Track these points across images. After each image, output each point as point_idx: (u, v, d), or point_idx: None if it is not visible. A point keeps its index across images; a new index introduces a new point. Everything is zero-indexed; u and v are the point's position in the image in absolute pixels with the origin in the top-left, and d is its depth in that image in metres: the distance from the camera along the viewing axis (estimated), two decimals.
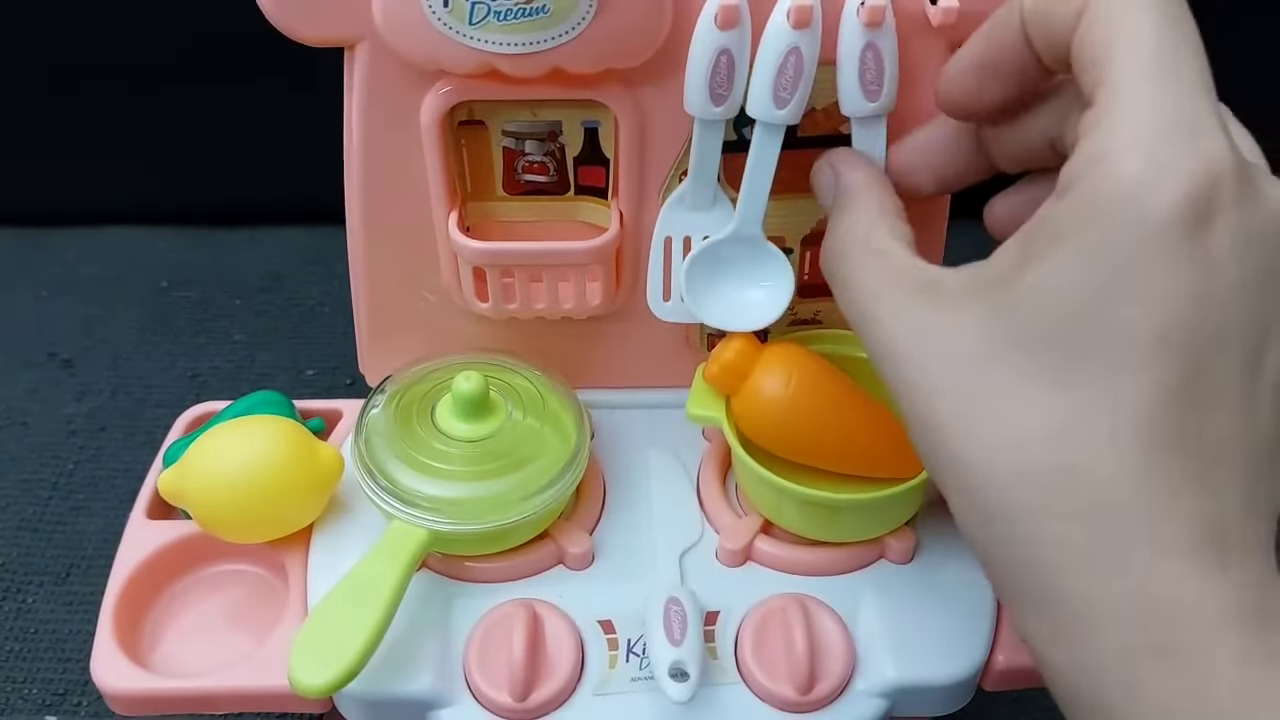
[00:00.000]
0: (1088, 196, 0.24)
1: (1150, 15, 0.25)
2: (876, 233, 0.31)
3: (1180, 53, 0.25)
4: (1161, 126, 0.24)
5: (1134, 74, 0.24)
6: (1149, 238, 0.23)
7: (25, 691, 0.47)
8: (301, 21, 0.34)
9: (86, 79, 0.66)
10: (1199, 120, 0.24)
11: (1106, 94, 0.25)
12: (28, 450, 0.57)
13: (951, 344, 0.26)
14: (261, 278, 0.69)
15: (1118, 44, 0.25)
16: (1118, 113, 0.24)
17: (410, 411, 0.38)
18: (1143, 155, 0.23)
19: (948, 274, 0.28)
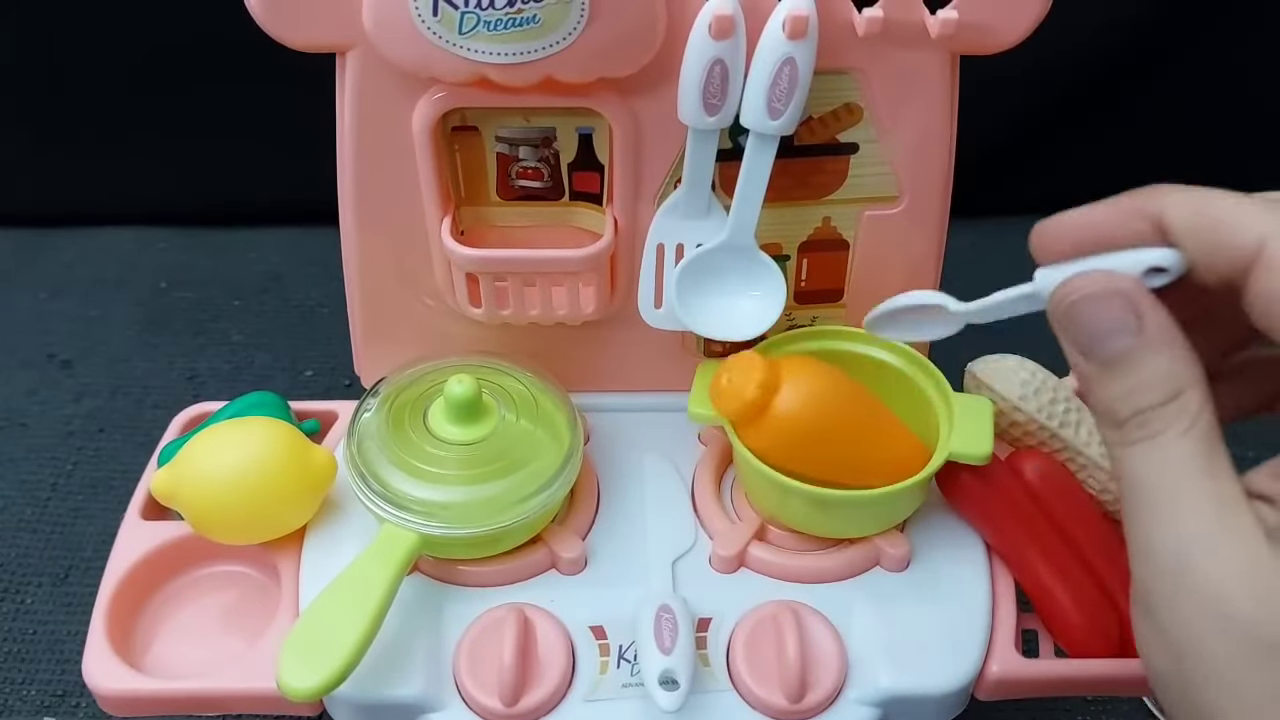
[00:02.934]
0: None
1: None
2: (1218, 460, 0.26)
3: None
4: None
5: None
6: None
7: (24, 692, 0.47)
8: (289, 29, 0.34)
9: (86, 81, 0.66)
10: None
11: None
12: (26, 451, 0.57)
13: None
14: (260, 279, 0.69)
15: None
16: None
17: (403, 415, 0.38)
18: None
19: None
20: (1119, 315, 0.27)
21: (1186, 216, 0.27)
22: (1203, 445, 0.26)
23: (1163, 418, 0.26)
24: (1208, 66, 0.67)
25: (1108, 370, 0.27)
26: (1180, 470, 0.26)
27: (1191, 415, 0.26)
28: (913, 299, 0.35)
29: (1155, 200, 0.28)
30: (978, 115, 0.41)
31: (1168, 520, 0.25)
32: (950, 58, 0.37)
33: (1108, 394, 0.27)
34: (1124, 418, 0.27)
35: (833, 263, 0.41)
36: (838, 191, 0.39)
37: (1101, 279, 0.28)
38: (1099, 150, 0.70)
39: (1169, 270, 0.27)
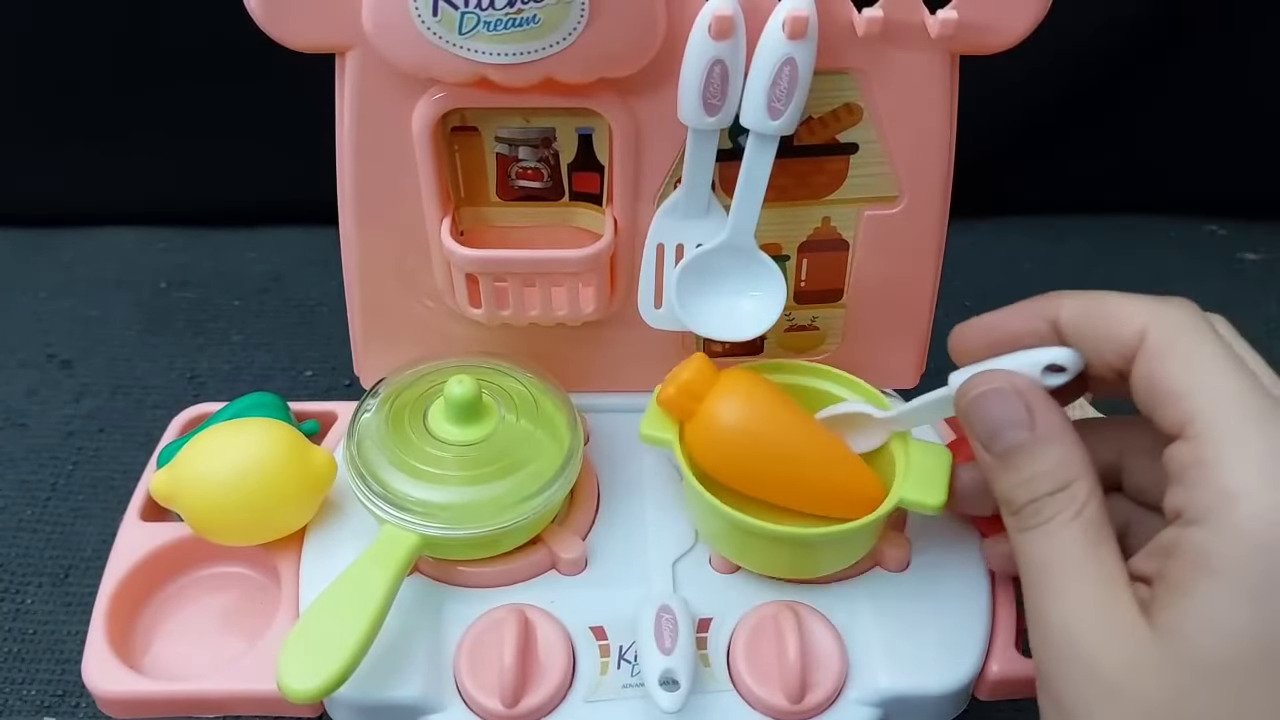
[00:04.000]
0: (1235, 531, 0.25)
1: (1222, 353, 0.27)
2: (1104, 544, 0.28)
3: (1264, 392, 0.27)
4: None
5: (1233, 413, 0.26)
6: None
7: (23, 693, 0.47)
8: (289, 29, 0.34)
9: (86, 81, 0.66)
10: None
11: (1206, 431, 0.26)
12: (26, 451, 0.57)
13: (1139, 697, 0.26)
14: (260, 278, 0.69)
15: (1199, 385, 0.27)
16: (1236, 453, 0.26)
17: (403, 415, 0.38)
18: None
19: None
20: (1014, 411, 0.30)
21: (1077, 314, 0.30)
22: (1090, 530, 0.28)
23: (1052, 506, 0.28)
24: (1208, 66, 0.67)
25: (1004, 462, 0.30)
26: (1068, 553, 0.28)
27: (1079, 503, 0.28)
28: (839, 409, 0.37)
29: (1053, 303, 0.31)
30: (978, 115, 0.41)
31: (1056, 598, 0.28)
32: (950, 58, 0.37)
33: (1005, 483, 0.30)
34: (1019, 505, 0.29)
35: (832, 263, 0.41)
36: (837, 191, 0.39)
37: (998, 377, 0.31)
38: (1099, 150, 0.71)
39: (1067, 368, 0.30)
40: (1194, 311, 0.29)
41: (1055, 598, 0.28)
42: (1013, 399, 0.30)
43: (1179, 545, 0.26)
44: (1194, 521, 0.26)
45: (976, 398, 0.31)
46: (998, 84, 0.48)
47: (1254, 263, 0.71)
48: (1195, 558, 0.26)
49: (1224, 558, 0.25)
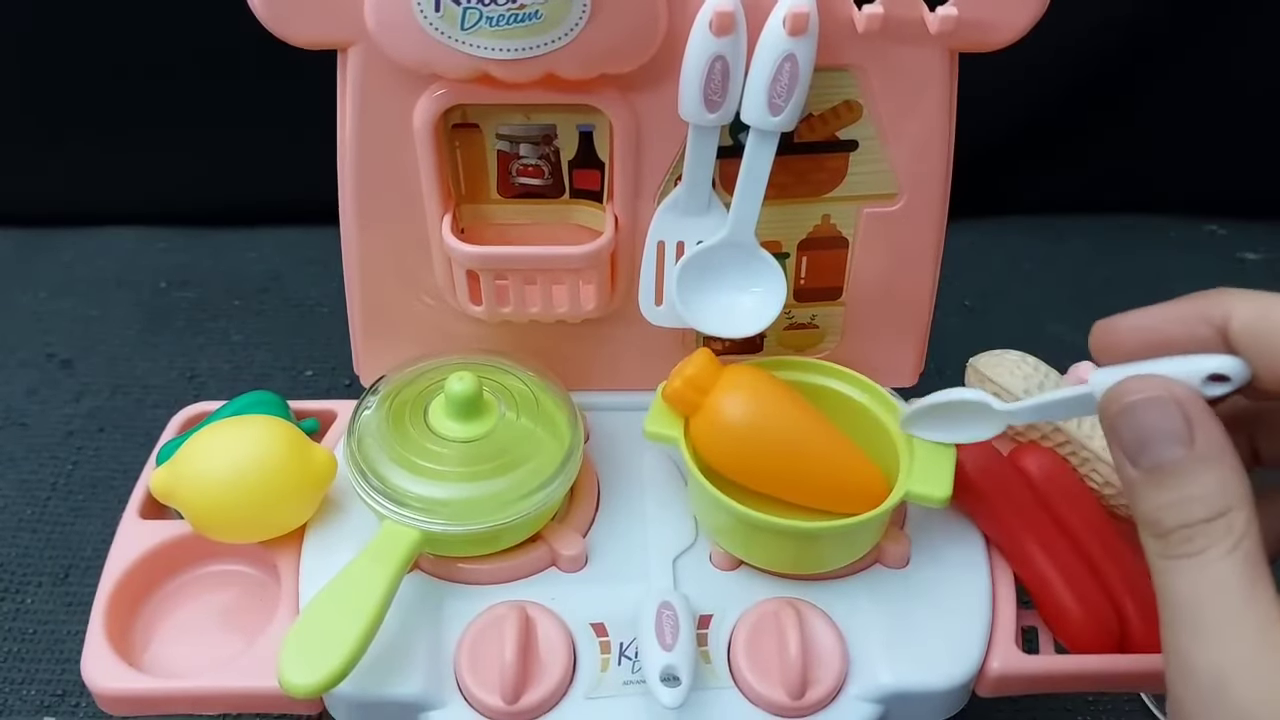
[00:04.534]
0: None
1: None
2: (1260, 582, 0.25)
3: None
4: None
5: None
6: None
7: (23, 692, 0.47)
8: (292, 25, 0.35)
9: (86, 81, 0.66)
10: None
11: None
12: (26, 451, 0.57)
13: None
14: (260, 278, 0.69)
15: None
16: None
17: (403, 412, 0.38)
18: None
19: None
20: (1171, 424, 0.27)
21: (1252, 323, 0.27)
22: (1247, 566, 0.25)
23: (1208, 535, 0.26)
24: (1208, 66, 0.67)
25: (1154, 479, 0.27)
26: (1222, 591, 0.25)
27: (1237, 535, 0.26)
28: (953, 395, 0.35)
29: (1220, 305, 0.28)
30: (977, 114, 0.41)
31: (1208, 641, 0.25)
32: (950, 55, 0.37)
33: (1153, 503, 0.27)
34: (1168, 529, 0.26)
35: (832, 260, 0.41)
36: (837, 189, 0.39)
37: (1157, 384, 0.27)
38: (1099, 150, 0.71)
39: (1231, 379, 0.27)
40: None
41: (1206, 640, 0.25)
42: (1171, 409, 0.27)
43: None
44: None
45: (1130, 405, 0.27)
46: (998, 83, 0.48)
47: (1254, 263, 0.72)
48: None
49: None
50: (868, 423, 0.39)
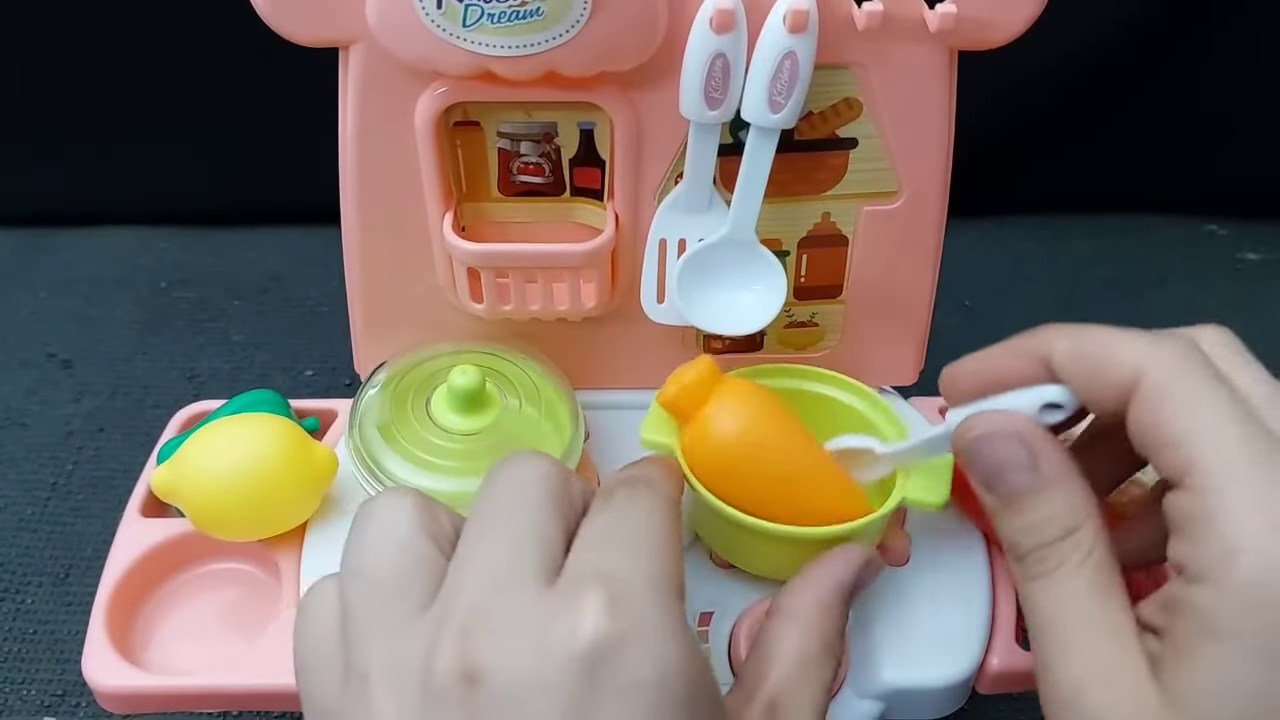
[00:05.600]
0: (1238, 591, 0.24)
1: (1220, 395, 0.26)
2: (1112, 593, 0.27)
3: (1265, 432, 0.26)
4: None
5: (1233, 466, 0.25)
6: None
7: (23, 692, 0.47)
8: (294, 22, 0.35)
9: (85, 80, 0.66)
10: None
11: (1206, 481, 0.25)
12: (26, 451, 0.57)
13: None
14: (260, 278, 0.69)
15: (1198, 433, 0.26)
16: (1237, 506, 0.25)
17: (405, 401, 0.39)
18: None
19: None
20: (1015, 453, 0.29)
21: (1069, 354, 0.29)
22: (1097, 579, 0.27)
23: (1059, 553, 0.28)
24: (1208, 66, 0.67)
25: (1008, 505, 0.29)
26: (1075, 604, 0.27)
27: (1085, 550, 0.27)
28: (842, 443, 0.36)
29: (1043, 341, 0.30)
30: (977, 114, 0.41)
31: (1064, 652, 0.27)
32: (949, 52, 0.37)
33: (1009, 528, 0.29)
34: (1024, 552, 0.28)
35: (832, 258, 0.41)
36: (837, 187, 0.39)
37: (997, 418, 0.30)
38: (1099, 149, 0.71)
39: (1064, 406, 0.29)
40: (1190, 350, 0.27)
41: (1064, 653, 0.27)
42: (1013, 441, 0.29)
43: (1182, 603, 0.25)
44: (1197, 579, 0.25)
45: (975, 440, 0.30)
46: (997, 82, 0.48)
47: (1254, 263, 0.72)
48: (1199, 619, 0.25)
49: (1228, 620, 0.24)
50: (864, 429, 0.38)
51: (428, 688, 0.24)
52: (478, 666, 0.24)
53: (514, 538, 0.27)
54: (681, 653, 0.25)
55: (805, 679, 0.30)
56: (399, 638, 0.25)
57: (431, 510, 0.28)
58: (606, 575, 0.26)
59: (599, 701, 0.24)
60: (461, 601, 0.25)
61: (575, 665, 0.24)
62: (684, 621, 0.26)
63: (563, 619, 0.24)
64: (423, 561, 0.27)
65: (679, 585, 0.27)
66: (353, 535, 0.28)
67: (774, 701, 0.29)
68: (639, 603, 0.25)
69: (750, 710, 0.29)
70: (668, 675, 0.24)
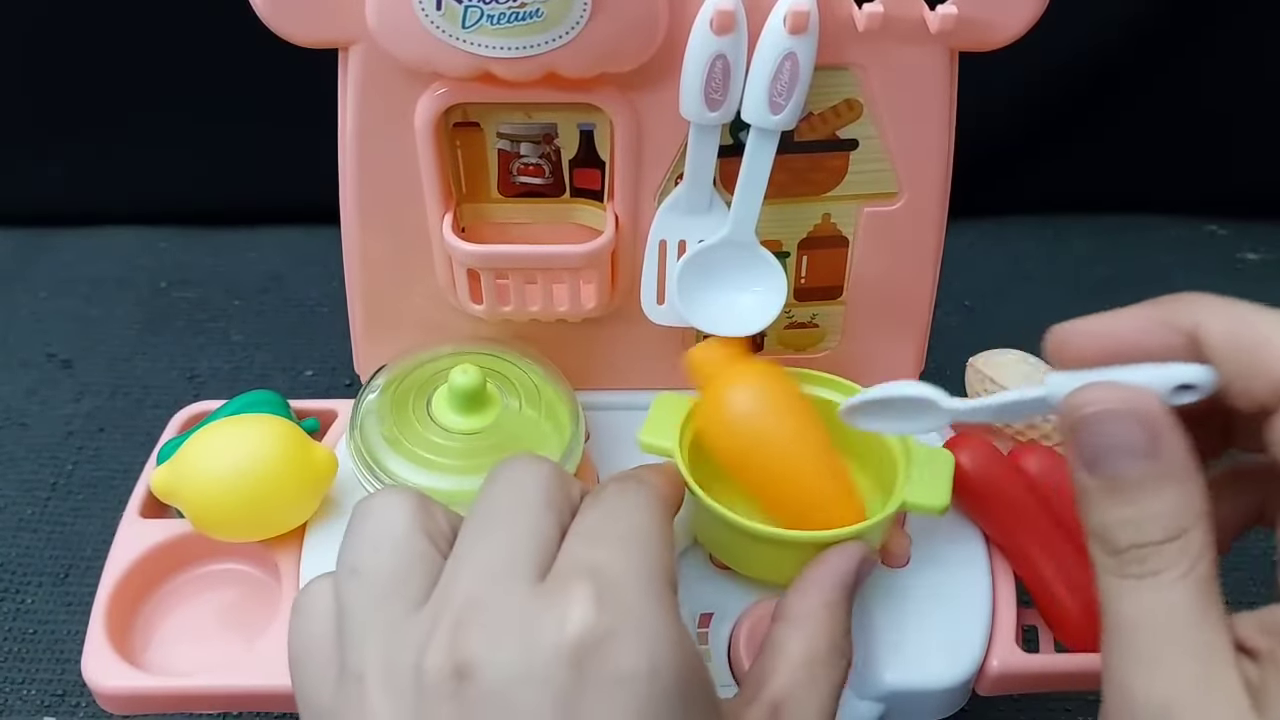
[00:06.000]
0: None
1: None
2: (1212, 609, 0.24)
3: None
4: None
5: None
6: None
7: (23, 692, 0.47)
8: (294, 23, 0.35)
9: (85, 80, 0.66)
10: None
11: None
12: (26, 451, 0.57)
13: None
14: (260, 278, 0.69)
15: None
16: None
17: (406, 403, 0.39)
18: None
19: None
20: (1136, 436, 0.25)
21: (1225, 333, 0.26)
22: (1199, 592, 0.24)
23: (1163, 557, 0.25)
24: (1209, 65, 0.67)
25: (1112, 492, 0.25)
26: (1173, 617, 0.24)
27: (1192, 558, 0.24)
28: (898, 390, 0.32)
29: (1190, 312, 0.27)
30: (978, 114, 0.41)
31: (1153, 670, 0.24)
32: (950, 54, 0.37)
33: (1108, 517, 0.25)
34: (1122, 547, 0.25)
35: (832, 259, 0.41)
36: (837, 188, 0.39)
37: (1124, 393, 0.26)
38: (1099, 149, 0.71)
39: (1199, 389, 0.26)
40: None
41: (1150, 667, 0.24)
42: (1136, 421, 0.25)
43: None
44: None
45: (1091, 414, 0.26)
46: (998, 83, 0.48)
47: (1254, 263, 0.72)
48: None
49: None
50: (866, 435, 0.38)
51: (420, 685, 0.24)
52: (467, 662, 0.24)
53: (510, 536, 0.27)
54: (672, 645, 0.25)
55: (813, 681, 0.30)
56: (394, 636, 0.25)
57: (429, 509, 0.28)
58: (595, 569, 0.25)
59: (588, 694, 0.23)
60: (455, 598, 0.25)
61: (563, 658, 0.24)
62: (676, 614, 0.26)
63: (551, 612, 0.24)
64: (419, 559, 0.27)
65: (670, 578, 0.27)
66: (349, 533, 0.28)
67: (778, 703, 0.29)
68: (628, 595, 0.25)
69: (752, 711, 0.29)
70: (658, 667, 0.24)
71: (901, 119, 0.38)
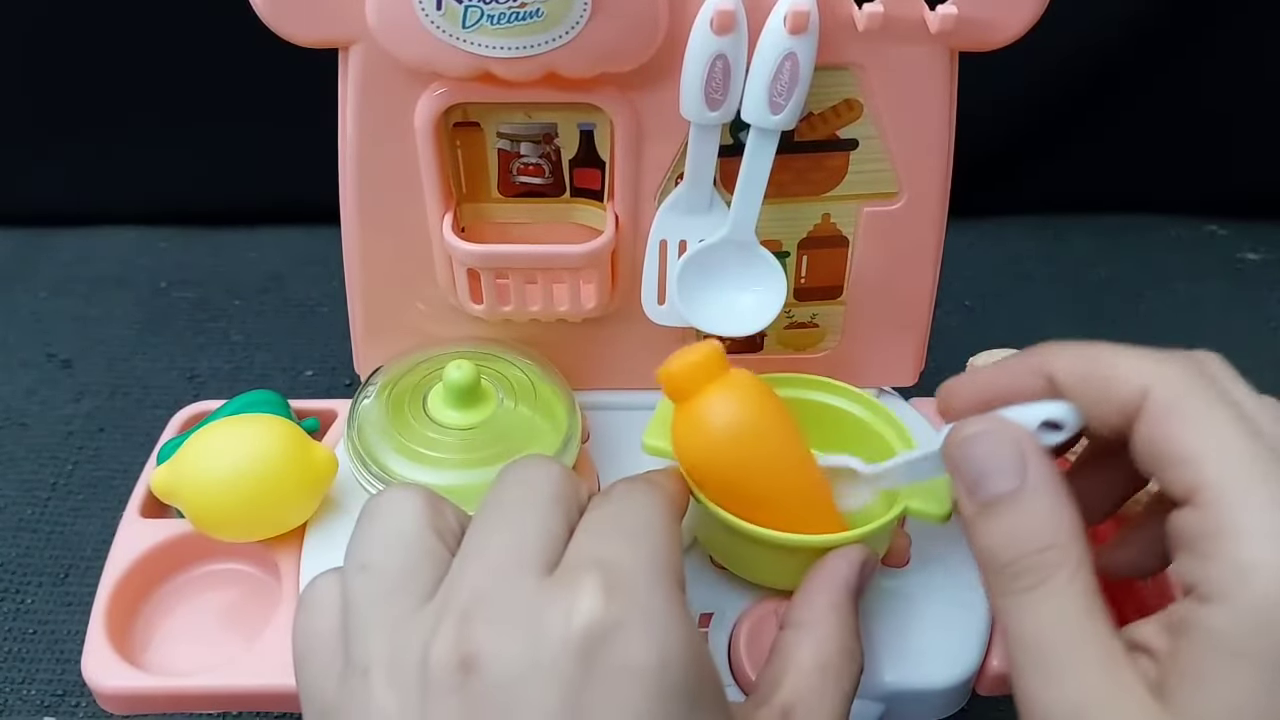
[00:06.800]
0: (1253, 609, 0.24)
1: (1228, 414, 0.26)
2: (1098, 614, 0.26)
3: (1272, 451, 0.25)
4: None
5: (1244, 483, 0.25)
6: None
7: (24, 692, 0.47)
8: (294, 23, 0.35)
9: (85, 80, 0.66)
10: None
11: (1218, 499, 0.25)
12: (26, 451, 0.57)
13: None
14: (260, 278, 0.69)
15: (1208, 450, 0.25)
16: (1250, 523, 0.24)
17: (402, 401, 0.39)
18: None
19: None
20: (1005, 456, 0.28)
21: (1074, 370, 0.29)
22: (1085, 598, 0.26)
23: (1044, 565, 0.26)
24: (1209, 65, 0.67)
25: (990, 511, 0.27)
26: (1065, 625, 0.26)
27: (1073, 565, 0.26)
28: (825, 462, 0.35)
29: (1047, 358, 0.29)
30: (978, 114, 0.41)
31: (1059, 680, 0.25)
32: (949, 54, 0.37)
33: (988, 538, 0.27)
34: (1004, 561, 0.27)
35: (832, 259, 0.41)
36: (837, 188, 0.39)
37: (993, 421, 0.29)
38: (1099, 149, 0.71)
39: (1064, 425, 0.28)
40: (1196, 368, 0.27)
41: (1056, 678, 0.25)
42: (1005, 443, 0.28)
43: (1192, 625, 0.24)
44: (1208, 599, 0.24)
45: (965, 439, 0.29)
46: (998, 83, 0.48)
47: (1254, 263, 0.72)
48: (1212, 641, 0.24)
49: (1242, 641, 0.24)
50: (868, 441, 0.38)
51: (426, 678, 0.24)
52: (474, 654, 0.24)
53: (518, 532, 0.27)
54: (681, 638, 0.25)
55: (824, 685, 0.30)
56: (400, 630, 0.25)
57: (438, 507, 0.28)
58: (603, 562, 0.26)
59: (596, 686, 0.23)
60: (462, 592, 0.25)
61: (571, 650, 0.24)
62: (684, 608, 0.26)
63: (558, 605, 0.24)
64: (427, 556, 0.27)
65: (678, 574, 0.27)
66: (359, 529, 0.28)
67: (789, 707, 0.29)
68: (637, 588, 0.25)
69: (762, 714, 0.29)
70: (667, 660, 0.24)
71: (901, 119, 0.38)
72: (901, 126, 0.38)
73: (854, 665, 0.31)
